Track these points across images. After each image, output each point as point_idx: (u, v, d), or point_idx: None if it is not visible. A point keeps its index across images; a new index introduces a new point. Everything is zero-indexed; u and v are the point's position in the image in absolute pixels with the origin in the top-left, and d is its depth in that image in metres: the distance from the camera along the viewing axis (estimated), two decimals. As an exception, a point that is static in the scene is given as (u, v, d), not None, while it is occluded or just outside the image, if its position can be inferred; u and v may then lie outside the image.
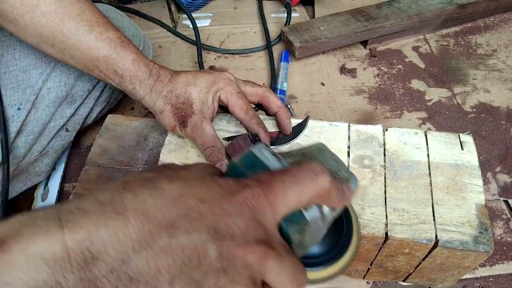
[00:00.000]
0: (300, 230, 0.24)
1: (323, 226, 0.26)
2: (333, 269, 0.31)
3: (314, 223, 0.25)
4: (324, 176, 0.24)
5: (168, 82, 0.49)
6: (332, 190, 0.24)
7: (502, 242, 0.62)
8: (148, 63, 0.50)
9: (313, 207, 0.25)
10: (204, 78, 0.49)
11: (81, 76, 0.64)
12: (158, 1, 1.05)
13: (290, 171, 0.24)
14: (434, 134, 0.52)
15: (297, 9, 1.03)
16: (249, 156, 0.26)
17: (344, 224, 0.33)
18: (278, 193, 0.22)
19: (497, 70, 0.87)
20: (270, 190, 0.22)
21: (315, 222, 0.25)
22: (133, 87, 0.50)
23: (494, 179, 0.69)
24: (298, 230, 0.24)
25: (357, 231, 0.34)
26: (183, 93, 0.48)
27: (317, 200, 0.24)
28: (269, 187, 0.22)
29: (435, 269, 0.49)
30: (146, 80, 0.49)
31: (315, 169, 0.24)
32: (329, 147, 0.32)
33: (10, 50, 0.57)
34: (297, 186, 0.23)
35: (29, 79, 0.58)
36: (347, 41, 0.89)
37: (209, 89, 0.49)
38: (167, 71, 0.50)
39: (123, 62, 0.49)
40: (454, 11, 0.92)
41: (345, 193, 0.26)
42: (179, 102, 0.48)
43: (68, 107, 0.64)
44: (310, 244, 0.26)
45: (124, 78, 0.49)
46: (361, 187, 0.47)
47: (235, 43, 0.95)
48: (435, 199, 0.45)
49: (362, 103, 0.81)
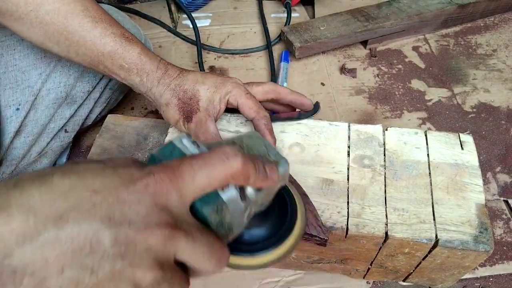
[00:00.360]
0: (216, 210, 0.25)
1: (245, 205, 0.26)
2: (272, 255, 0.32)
3: (232, 203, 0.25)
4: (235, 157, 0.24)
5: (177, 77, 0.50)
6: (247, 170, 0.25)
7: (502, 242, 0.62)
8: (154, 56, 0.51)
9: (230, 187, 0.25)
10: (213, 78, 0.50)
11: (80, 77, 0.64)
12: (158, 1, 1.05)
13: (200, 155, 0.24)
14: (434, 134, 0.52)
15: (297, 9, 1.03)
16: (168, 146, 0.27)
17: (288, 210, 0.34)
18: (184, 176, 0.23)
19: (497, 70, 0.87)
20: (176, 174, 0.23)
21: (233, 202, 0.25)
22: (140, 79, 0.50)
23: (494, 179, 0.69)
24: (215, 210, 0.25)
25: (301, 217, 0.34)
26: (191, 89, 0.49)
27: (232, 181, 0.25)
28: (175, 171, 0.23)
29: (435, 269, 0.49)
30: (154, 73, 0.50)
31: (227, 151, 0.24)
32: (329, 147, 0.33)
33: (10, 51, 0.57)
34: (206, 168, 0.23)
35: (29, 80, 0.58)
36: (347, 41, 0.89)
37: (217, 89, 0.49)
38: (175, 67, 0.51)
39: (129, 56, 0.49)
40: (454, 11, 0.92)
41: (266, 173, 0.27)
42: (186, 97, 0.49)
43: (67, 108, 0.64)
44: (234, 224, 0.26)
45: (130, 71, 0.49)
46: (361, 186, 0.47)
47: (235, 43, 0.95)
48: (435, 199, 0.45)
49: (362, 103, 0.81)
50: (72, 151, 0.74)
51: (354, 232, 0.43)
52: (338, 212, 0.44)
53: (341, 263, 0.52)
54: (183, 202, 0.23)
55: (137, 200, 0.22)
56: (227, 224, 0.26)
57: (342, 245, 0.46)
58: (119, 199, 0.21)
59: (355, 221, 0.44)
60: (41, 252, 0.19)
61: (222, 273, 0.59)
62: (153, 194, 0.22)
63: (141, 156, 0.54)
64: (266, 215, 0.32)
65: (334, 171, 0.48)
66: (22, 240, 0.19)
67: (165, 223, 0.22)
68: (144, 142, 0.55)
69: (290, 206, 0.34)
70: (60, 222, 0.19)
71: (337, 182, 0.47)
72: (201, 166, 0.23)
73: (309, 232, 0.41)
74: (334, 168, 0.48)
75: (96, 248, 0.20)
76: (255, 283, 0.58)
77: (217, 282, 0.58)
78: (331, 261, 0.52)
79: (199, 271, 0.24)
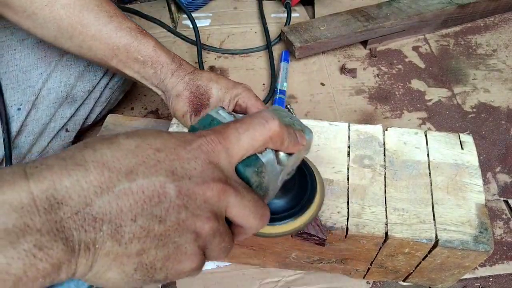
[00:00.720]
0: (257, 172, 0.27)
1: (280, 169, 0.29)
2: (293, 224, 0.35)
3: (270, 165, 0.28)
4: (274, 120, 0.27)
5: (191, 72, 0.51)
6: (282, 134, 0.27)
7: (502, 242, 0.62)
8: (168, 50, 0.52)
9: (268, 151, 0.28)
10: (226, 80, 0.52)
11: (81, 76, 0.64)
12: (158, 1, 1.05)
13: (243, 119, 0.27)
14: (434, 134, 0.52)
15: (297, 9, 1.03)
16: (207, 118, 0.29)
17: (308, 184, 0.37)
18: (231, 138, 0.25)
19: (497, 70, 0.87)
20: (224, 136, 0.25)
21: (271, 164, 0.28)
22: (154, 71, 0.51)
23: (494, 179, 0.69)
24: (255, 172, 0.27)
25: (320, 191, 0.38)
26: (205, 86, 0.50)
27: (270, 144, 0.27)
28: (223, 134, 0.26)
29: (435, 269, 0.49)
30: (169, 65, 0.51)
31: (266, 115, 0.27)
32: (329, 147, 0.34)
33: (11, 51, 0.57)
34: (249, 131, 0.26)
35: (29, 80, 0.58)
36: (347, 41, 0.89)
37: (228, 90, 0.51)
38: (189, 64, 0.53)
39: (144, 49, 0.50)
40: (454, 11, 0.92)
41: (297, 138, 0.30)
42: (199, 92, 0.50)
43: (68, 107, 0.64)
44: (270, 187, 0.29)
45: (145, 64, 0.50)
46: (361, 186, 0.47)
47: (235, 43, 0.95)
48: (435, 199, 0.46)
49: (362, 103, 0.81)
50: (72, 151, 0.74)
51: (354, 232, 0.43)
52: (338, 212, 0.45)
53: (341, 263, 0.52)
54: (231, 162, 0.26)
55: (194, 157, 0.24)
56: (264, 187, 0.28)
57: (342, 245, 0.46)
58: (179, 156, 0.23)
59: (355, 221, 0.44)
60: (116, 202, 0.21)
61: (222, 273, 0.59)
62: (206, 153, 0.24)
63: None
64: (288, 187, 0.35)
65: (334, 171, 0.48)
66: (99, 191, 0.21)
67: (218, 179, 0.24)
68: (144, 142, 0.55)
69: (309, 177, 0.37)
70: (131, 176, 0.21)
71: (337, 182, 0.47)
72: (244, 129, 0.26)
73: (308, 231, 0.41)
74: (334, 168, 0.48)
75: (163, 199, 0.22)
76: (255, 283, 0.58)
77: (217, 282, 0.59)
78: (331, 261, 0.52)
79: (244, 228, 0.26)
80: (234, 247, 0.53)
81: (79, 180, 0.20)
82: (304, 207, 0.36)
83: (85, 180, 0.20)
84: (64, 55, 0.61)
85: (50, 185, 0.20)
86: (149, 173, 0.22)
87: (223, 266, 0.60)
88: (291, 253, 0.52)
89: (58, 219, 0.19)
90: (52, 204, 0.19)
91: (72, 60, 0.62)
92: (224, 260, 0.60)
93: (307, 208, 0.36)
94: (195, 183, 0.23)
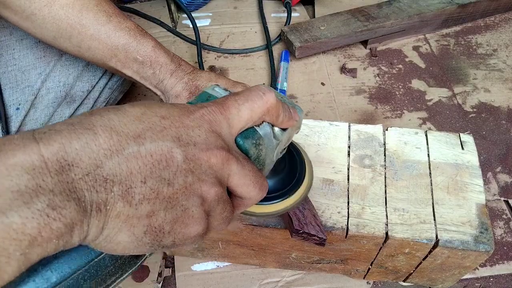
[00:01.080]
0: (255, 144, 0.28)
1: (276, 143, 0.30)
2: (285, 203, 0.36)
3: (267, 138, 0.29)
4: (270, 93, 0.28)
5: (190, 72, 0.51)
6: (278, 107, 0.29)
7: (503, 242, 0.62)
8: (167, 50, 0.52)
9: (265, 124, 0.29)
10: (225, 79, 0.51)
11: (80, 76, 0.63)
12: (158, 1, 1.05)
13: (241, 92, 0.28)
14: (435, 134, 0.51)
15: (297, 9, 1.03)
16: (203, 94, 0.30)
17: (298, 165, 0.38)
18: (231, 109, 0.26)
19: (498, 70, 0.87)
20: (225, 107, 0.26)
21: (268, 137, 0.29)
22: (153, 71, 0.51)
23: (494, 179, 0.69)
24: (253, 144, 0.28)
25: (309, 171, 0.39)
26: (204, 86, 0.50)
27: (267, 116, 0.28)
28: (224, 105, 0.26)
29: (435, 269, 0.48)
30: (168, 65, 0.51)
31: (263, 89, 0.28)
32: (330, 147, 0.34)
33: (10, 50, 0.57)
34: (248, 102, 0.27)
35: (28, 79, 0.58)
36: (347, 41, 0.89)
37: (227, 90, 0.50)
38: (189, 64, 0.53)
39: (143, 49, 0.50)
40: (455, 11, 0.92)
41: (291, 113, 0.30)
42: (198, 92, 0.50)
43: (67, 107, 0.63)
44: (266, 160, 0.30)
45: (144, 64, 0.50)
46: (361, 186, 0.47)
47: (235, 43, 0.94)
48: (435, 199, 0.45)
49: (362, 103, 0.81)
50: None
51: (354, 232, 0.43)
52: (338, 212, 0.44)
53: (341, 263, 0.52)
54: (231, 133, 0.27)
55: (197, 125, 0.25)
56: (262, 160, 0.29)
57: (342, 245, 0.46)
58: (184, 124, 0.24)
59: (355, 221, 0.44)
60: (126, 164, 0.21)
61: (222, 273, 0.59)
62: (209, 122, 0.25)
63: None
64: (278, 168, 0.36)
65: (334, 171, 0.48)
66: (109, 153, 0.21)
67: (221, 147, 0.25)
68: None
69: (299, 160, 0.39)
70: (139, 139, 0.22)
71: (337, 182, 0.47)
72: (243, 101, 0.27)
73: (308, 231, 0.41)
74: (334, 168, 0.48)
75: (170, 163, 0.23)
76: (255, 283, 0.58)
77: (217, 282, 0.58)
78: (331, 261, 0.52)
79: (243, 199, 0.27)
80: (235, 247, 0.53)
81: (88, 143, 0.21)
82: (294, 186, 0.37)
83: (94, 143, 0.21)
84: (63, 55, 0.61)
85: (60, 148, 0.20)
86: (156, 138, 0.22)
87: (223, 266, 0.60)
88: (291, 253, 0.51)
89: (70, 180, 0.20)
90: (63, 166, 0.20)
91: (71, 60, 0.62)
92: (224, 260, 0.60)
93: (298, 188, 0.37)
94: (200, 149, 0.24)
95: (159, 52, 0.50)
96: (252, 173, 0.26)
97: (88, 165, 0.20)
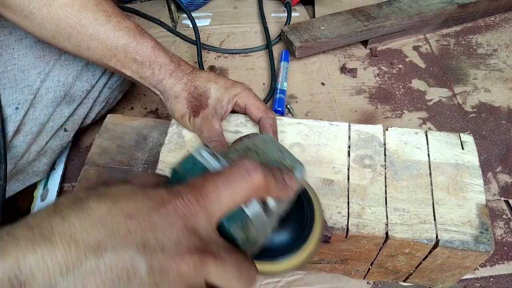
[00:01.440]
0: (242, 227, 0.25)
1: (268, 219, 0.26)
2: (295, 260, 0.31)
3: (257, 218, 0.25)
4: (256, 172, 0.24)
5: (190, 73, 0.51)
6: (267, 184, 0.25)
7: (503, 242, 0.62)
8: (167, 50, 0.52)
9: (253, 202, 0.25)
10: (225, 79, 0.51)
11: (79, 76, 0.63)
12: (158, 1, 1.05)
13: (222, 173, 0.25)
14: (435, 134, 0.51)
15: (297, 9, 1.03)
16: (188, 160, 0.27)
17: (306, 212, 0.33)
18: (211, 197, 0.23)
19: (498, 70, 0.87)
20: (203, 194, 0.23)
21: (258, 217, 0.25)
22: (152, 72, 0.50)
23: (494, 179, 0.69)
24: (241, 227, 0.25)
25: (320, 218, 0.34)
26: (203, 86, 0.50)
27: (255, 195, 0.25)
28: (201, 192, 0.23)
29: (435, 269, 0.48)
30: (167, 65, 0.50)
31: (247, 167, 0.24)
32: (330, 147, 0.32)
33: (9, 50, 0.57)
34: (230, 186, 0.24)
35: (28, 79, 0.58)
36: (348, 41, 0.88)
37: (226, 90, 0.50)
38: (188, 64, 0.52)
39: (143, 50, 0.50)
40: (455, 11, 0.92)
41: (285, 183, 0.27)
42: (197, 92, 0.50)
43: (66, 107, 0.63)
44: (259, 239, 0.26)
45: (143, 64, 0.50)
46: (361, 186, 0.46)
47: (235, 43, 0.94)
48: (435, 199, 0.45)
49: (362, 102, 0.81)
50: (71, 150, 0.74)
51: (354, 233, 0.43)
52: (338, 212, 0.44)
53: (341, 264, 0.52)
54: (211, 223, 0.24)
55: (168, 224, 0.22)
56: (252, 239, 0.26)
57: (342, 246, 0.46)
58: (152, 224, 0.22)
59: (355, 221, 0.44)
60: (82, 282, 0.20)
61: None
62: (183, 217, 0.23)
63: (140, 156, 0.54)
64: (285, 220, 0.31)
65: (335, 171, 0.48)
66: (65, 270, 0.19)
67: (195, 248, 0.22)
68: (143, 142, 0.55)
69: (307, 207, 0.34)
70: (99, 251, 0.20)
71: (337, 182, 0.47)
72: (225, 184, 0.24)
73: None
74: (334, 168, 0.48)
75: (132, 277, 0.20)
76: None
77: (216, 282, 0.58)
78: (331, 261, 0.52)
79: None
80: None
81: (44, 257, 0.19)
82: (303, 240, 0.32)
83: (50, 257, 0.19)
84: (63, 54, 0.61)
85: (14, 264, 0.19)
86: (118, 247, 0.20)
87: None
88: (291, 253, 0.51)
89: None
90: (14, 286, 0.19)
91: (70, 59, 0.62)
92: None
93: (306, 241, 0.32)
94: (169, 256, 0.21)
95: (158, 52, 0.50)
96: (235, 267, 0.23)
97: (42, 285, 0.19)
